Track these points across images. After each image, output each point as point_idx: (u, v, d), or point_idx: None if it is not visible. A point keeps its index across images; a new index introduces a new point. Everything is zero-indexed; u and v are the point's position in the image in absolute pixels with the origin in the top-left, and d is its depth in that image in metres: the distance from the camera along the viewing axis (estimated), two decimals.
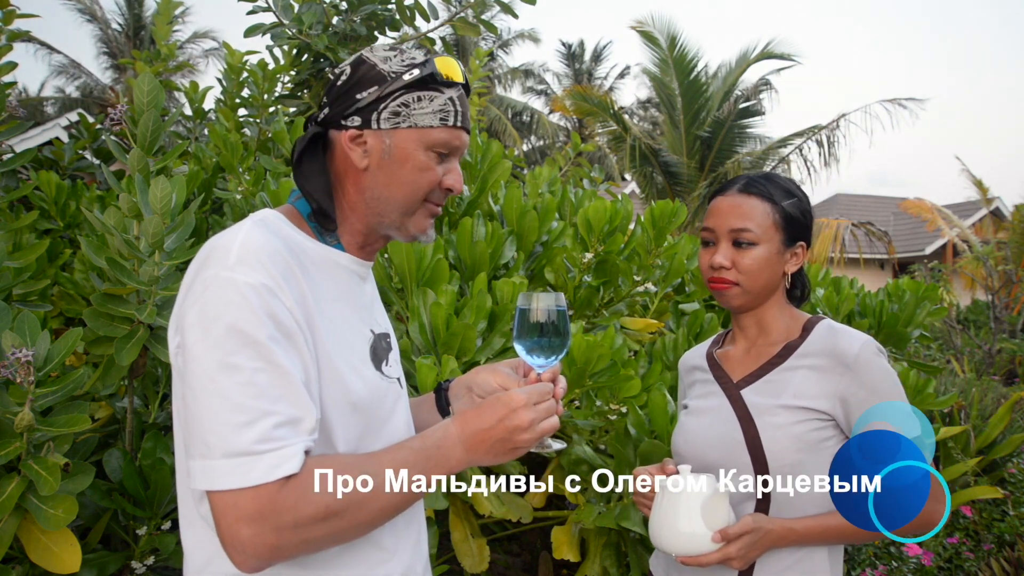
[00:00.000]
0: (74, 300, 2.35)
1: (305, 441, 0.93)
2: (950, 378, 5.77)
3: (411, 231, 1.11)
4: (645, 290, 2.97)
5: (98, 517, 1.94)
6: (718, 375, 1.49)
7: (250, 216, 1.07)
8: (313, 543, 0.92)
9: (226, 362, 0.90)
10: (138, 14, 23.05)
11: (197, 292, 0.95)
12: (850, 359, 1.34)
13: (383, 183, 1.08)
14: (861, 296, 3.37)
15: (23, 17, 2.78)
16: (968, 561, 3.40)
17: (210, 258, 0.97)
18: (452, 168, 1.11)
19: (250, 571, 0.92)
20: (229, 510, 0.89)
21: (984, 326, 11.80)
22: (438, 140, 1.07)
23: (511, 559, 3.04)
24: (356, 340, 1.10)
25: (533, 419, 1.00)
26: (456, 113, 1.09)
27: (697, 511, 1.26)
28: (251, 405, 0.89)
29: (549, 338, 1.11)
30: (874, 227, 14.15)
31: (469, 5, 3.69)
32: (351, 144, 1.08)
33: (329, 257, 1.10)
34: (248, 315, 0.91)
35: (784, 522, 1.30)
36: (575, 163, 4.53)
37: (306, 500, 0.90)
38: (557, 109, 20.32)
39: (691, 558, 1.27)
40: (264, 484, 0.88)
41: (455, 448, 1.00)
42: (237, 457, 0.88)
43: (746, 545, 1.26)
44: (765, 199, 1.41)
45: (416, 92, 1.07)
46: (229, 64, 3.52)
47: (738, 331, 1.51)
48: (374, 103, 1.06)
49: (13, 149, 3.12)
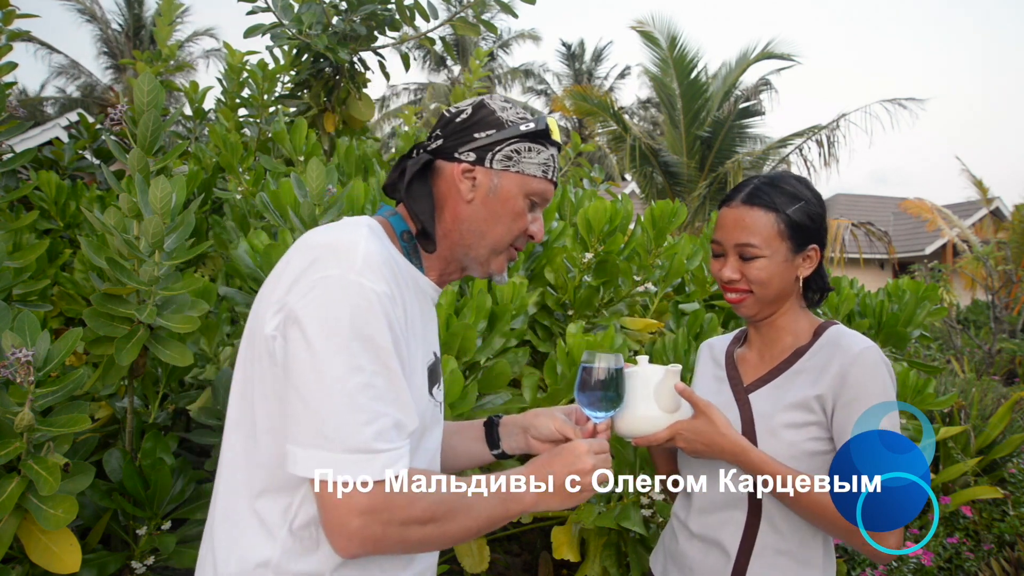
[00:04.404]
0: (74, 300, 2.35)
1: (408, 444, 1.01)
2: (950, 378, 5.77)
3: (491, 268, 1.21)
4: (645, 290, 2.97)
5: (98, 517, 1.94)
6: (731, 376, 1.50)
7: (358, 220, 1.14)
8: (410, 543, 1.01)
9: (352, 363, 0.96)
10: (138, 14, 23.07)
11: (319, 288, 0.99)
12: (849, 357, 1.33)
13: (482, 217, 1.17)
14: (861, 296, 3.37)
15: (23, 17, 2.78)
16: (968, 561, 3.39)
17: (333, 258, 1.01)
18: (538, 217, 1.23)
19: (349, 556, 0.99)
20: (343, 500, 0.95)
21: (984, 326, 11.81)
22: (536, 189, 1.19)
23: (511, 559, 3.04)
24: (422, 360, 1.15)
25: (595, 465, 1.12)
26: (554, 169, 1.21)
27: (651, 394, 1.32)
28: (370, 406, 0.97)
29: (608, 394, 1.23)
30: (874, 227, 14.15)
31: (469, 5, 3.69)
32: (462, 176, 1.16)
33: (415, 277, 1.16)
34: (375, 321, 0.98)
35: (741, 441, 1.31)
36: (575, 163, 4.53)
37: (414, 501, 0.99)
38: (557, 109, 20.31)
39: (644, 438, 1.32)
40: (380, 480, 0.96)
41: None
42: (358, 453, 0.95)
43: (694, 429, 1.31)
44: (768, 209, 1.39)
45: (528, 143, 1.17)
46: (229, 64, 3.52)
47: (753, 334, 1.51)
48: (491, 144, 1.16)
49: (13, 149, 3.12)
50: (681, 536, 1.46)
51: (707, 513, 1.41)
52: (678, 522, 1.49)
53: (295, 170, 2.81)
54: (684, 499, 1.49)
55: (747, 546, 1.36)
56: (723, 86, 14.16)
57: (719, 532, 1.39)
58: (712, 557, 1.39)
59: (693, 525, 1.43)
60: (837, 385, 1.33)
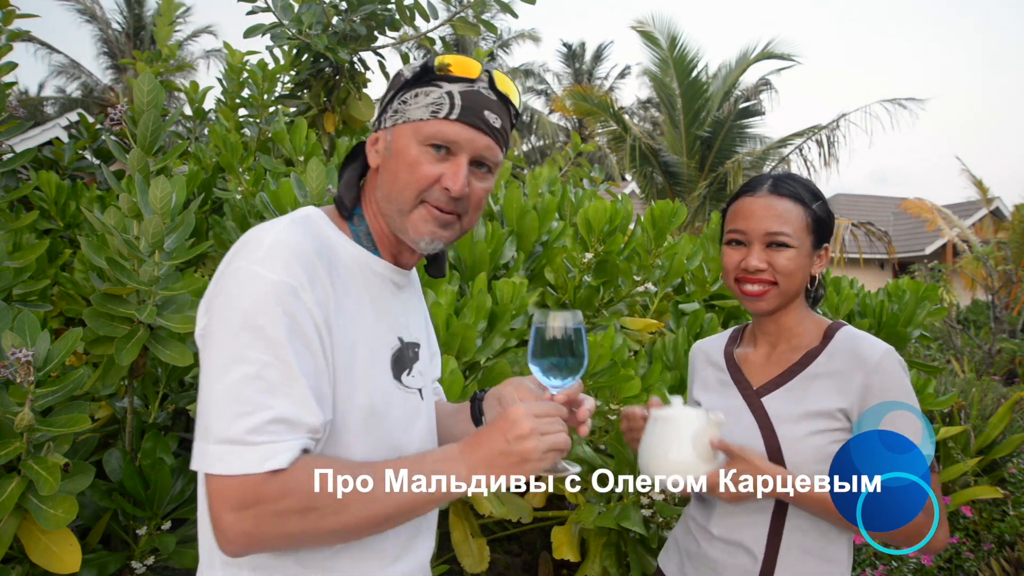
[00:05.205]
0: (74, 300, 2.35)
1: (302, 440, 0.93)
2: (950, 378, 5.77)
3: (409, 233, 1.07)
4: (645, 290, 2.97)
5: (98, 517, 1.94)
6: (737, 378, 1.46)
7: (294, 212, 1.10)
8: (293, 537, 0.93)
9: (239, 353, 0.92)
10: (138, 14, 23.06)
11: (224, 281, 0.97)
12: (871, 365, 1.32)
13: (385, 180, 1.08)
14: (861, 296, 3.36)
15: (23, 17, 2.79)
16: (968, 561, 3.39)
17: (243, 249, 0.99)
18: (452, 165, 1.05)
19: (232, 555, 0.94)
20: (216, 494, 0.91)
21: (984, 326, 11.80)
22: (429, 133, 1.04)
23: (511, 559, 3.04)
24: (378, 346, 1.09)
25: (533, 428, 0.96)
26: (452, 106, 1.04)
27: (688, 440, 1.24)
28: (253, 397, 0.91)
29: (566, 359, 1.06)
30: (874, 227, 14.15)
31: (469, 5, 3.69)
32: (371, 147, 1.12)
33: (363, 261, 1.10)
34: (267, 310, 0.93)
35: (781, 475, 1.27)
36: (575, 163, 4.53)
37: (288, 493, 0.91)
38: (557, 109, 20.31)
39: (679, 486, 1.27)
40: (251, 474, 0.89)
41: (455, 463, 0.98)
42: (229, 444, 0.90)
43: (735, 476, 1.25)
44: (797, 201, 1.38)
45: (415, 89, 1.07)
46: (229, 64, 3.52)
47: (760, 334, 1.48)
48: (385, 104, 1.10)
49: (13, 149, 3.13)
50: (701, 538, 1.44)
51: (731, 515, 1.39)
52: (695, 524, 1.46)
53: (295, 170, 2.81)
54: (701, 501, 1.47)
55: (773, 546, 1.35)
56: (723, 86, 14.15)
57: (743, 533, 1.37)
58: (738, 558, 1.37)
59: (714, 528, 1.41)
60: (862, 396, 1.32)
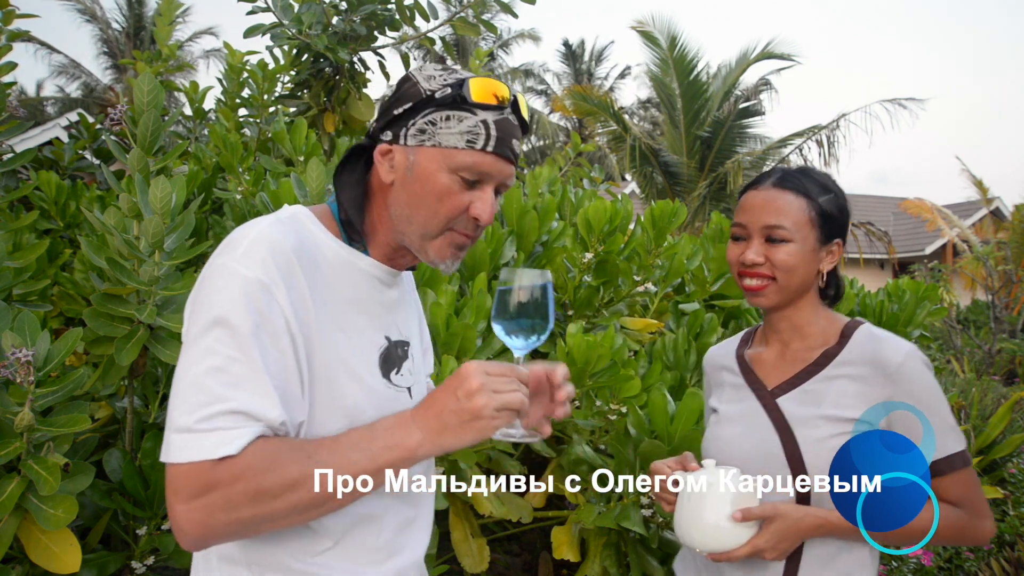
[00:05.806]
0: (74, 300, 2.35)
1: (258, 429, 0.92)
2: (950, 378, 5.78)
3: (430, 256, 1.08)
4: (645, 290, 2.97)
5: (98, 517, 1.94)
6: (750, 380, 1.43)
7: (282, 209, 1.10)
8: (247, 524, 0.91)
9: (208, 347, 0.93)
10: (138, 14, 23.06)
11: (205, 277, 0.99)
12: (892, 369, 1.28)
13: (404, 201, 1.06)
14: (861, 296, 3.37)
15: (23, 17, 2.79)
16: (968, 561, 3.39)
17: (226, 246, 1.00)
18: (482, 196, 1.05)
19: (188, 548, 0.93)
20: (170, 484, 0.90)
21: (984, 326, 11.80)
22: (463, 164, 1.03)
23: (511, 559, 3.04)
24: (364, 346, 1.09)
25: (483, 383, 0.93)
26: (488, 137, 1.03)
27: (727, 507, 1.23)
28: (214, 389, 0.91)
29: (533, 320, 1.02)
30: (874, 227, 14.15)
31: (469, 5, 3.69)
32: (380, 158, 1.08)
33: (349, 260, 1.09)
34: (236, 306, 0.94)
35: (818, 512, 1.26)
36: (575, 163, 4.54)
37: (239, 478, 0.89)
38: (557, 109, 20.31)
39: (722, 553, 1.24)
40: (199, 462, 0.89)
41: (407, 428, 0.96)
42: (187, 433, 0.90)
43: (775, 535, 1.23)
44: (800, 194, 1.35)
45: (446, 111, 1.03)
46: (229, 64, 3.52)
47: (771, 333, 1.44)
48: (405, 118, 1.05)
49: (13, 149, 3.12)
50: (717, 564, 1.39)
51: None
52: None
53: (295, 170, 2.81)
54: None
55: (796, 551, 1.31)
56: (723, 86, 14.15)
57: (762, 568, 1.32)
58: (761, 564, 1.32)
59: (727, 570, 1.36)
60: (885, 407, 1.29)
